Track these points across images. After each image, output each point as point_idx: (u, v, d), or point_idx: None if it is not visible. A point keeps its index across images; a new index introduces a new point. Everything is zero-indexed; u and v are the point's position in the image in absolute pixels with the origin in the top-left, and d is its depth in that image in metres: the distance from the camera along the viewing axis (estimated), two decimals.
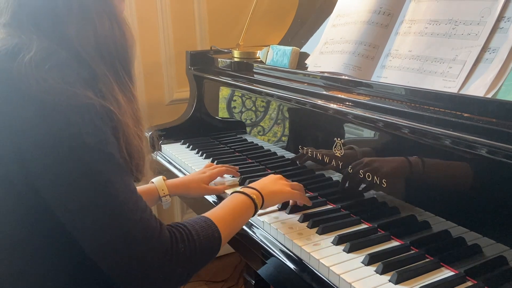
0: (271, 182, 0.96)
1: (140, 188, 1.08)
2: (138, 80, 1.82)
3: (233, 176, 1.23)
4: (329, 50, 1.14)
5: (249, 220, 0.97)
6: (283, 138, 1.26)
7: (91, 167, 0.62)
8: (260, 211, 0.94)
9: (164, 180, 1.10)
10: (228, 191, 1.14)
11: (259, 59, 1.41)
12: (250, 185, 0.94)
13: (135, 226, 0.64)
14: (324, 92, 1.05)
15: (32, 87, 0.60)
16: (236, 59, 1.49)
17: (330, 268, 0.78)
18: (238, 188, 0.90)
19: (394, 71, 0.96)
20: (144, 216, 0.65)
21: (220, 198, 1.16)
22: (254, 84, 1.32)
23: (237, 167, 1.25)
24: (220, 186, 1.17)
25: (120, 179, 0.64)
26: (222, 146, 1.51)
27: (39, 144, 0.61)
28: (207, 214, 0.79)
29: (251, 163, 1.34)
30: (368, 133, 0.95)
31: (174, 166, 1.43)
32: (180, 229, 0.71)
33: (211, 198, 1.18)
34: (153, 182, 1.09)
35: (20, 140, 0.61)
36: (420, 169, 0.83)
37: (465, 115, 0.74)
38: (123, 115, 0.69)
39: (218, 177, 1.20)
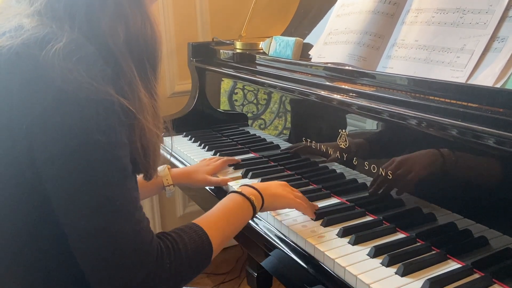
0: (275, 186, 0.92)
1: None
2: None
3: (235, 169, 1.22)
4: (334, 40, 1.12)
5: None
6: (286, 131, 1.25)
7: (96, 166, 0.61)
8: None
9: (168, 169, 1.10)
10: (231, 183, 1.13)
11: (262, 51, 1.39)
12: (251, 183, 0.89)
13: (124, 236, 0.62)
14: (328, 83, 1.04)
15: (56, 76, 0.59)
16: (238, 51, 1.47)
17: (336, 260, 0.77)
18: (236, 187, 0.86)
19: (400, 61, 0.94)
20: (137, 228, 0.63)
21: (222, 190, 1.16)
22: (257, 76, 1.30)
23: (239, 159, 1.25)
24: (222, 178, 1.16)
25: (122, 185, 0.63)
26: (224, 138, 1.50)
27: (50, 133, 0.60)
28: (199, 221, 0.76)
29: (254, 156, 1.33)
30: (373, 124, 0.94)
31: (176, 159, 1.42)
32: (167, 242, 0.68)
33: (209, 187, 1.18)
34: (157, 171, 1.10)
35: (33, 126, 0.61)
36: (427, 161, 0.82)
37: (473, 105, 0.73)
38: (144, 113, 0.68)
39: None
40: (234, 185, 1.11)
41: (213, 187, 1.18)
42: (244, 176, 1.17)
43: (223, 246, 0.78)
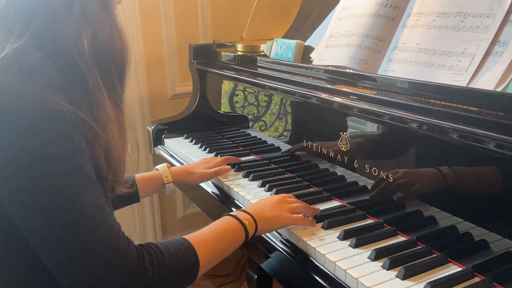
0: (269, 207, 0.88)
1: (144, 174, 1.08)
2: (140, 74, 1.81)
3: (236, 171, 1.22)
4: (335, 43, 1.13)
5: None
6: (287, 133, 1.25)
7: (55, 179, 0.58)
8: None
9: (168, 167, 1.11)
10: (237, 189, 1.12)
11: (263, 53, 1.39)
12: (245, 208, 0.87)
13: (99, 244, 0.60)
14: (329, 86, 1.04)
15: None
16: (239, 53, 1.48)
17: (336, 263, 0.78)
18: (238, 189, 0.82)
19: (401, 64, 0.94)
20: (110, 235, 0.62)
21: (223, 192, 1.16)
22: (258, 78, 1.31)
23: (240, 159, 1.25)
24: (222, 167, 1.17)
25: (87, 193, 0.61)
26: (225, 140, 1.50)
27: (2, 152, 0.58)
28: (188, 236, 0.74)
29: (255, 158, 1.33)
30: (374, 127, 0.94)
31: (177, 160, 1.42)
32: (150, 250, 0.66)
33: (209, 189, 1.18)
34: (157, 169, 1.10)
35: None
36: (427, 165, 0.82)
37: (474, 109, 0.73)
38: (108, 123, 0.66)
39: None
40: (241, 191, 1.10)
41: (216, 191, 1.17)
42: (245, 177, 1.17)
43: (212, 265, 0.76)
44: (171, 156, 1.47)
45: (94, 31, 0.66)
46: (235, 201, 1.11)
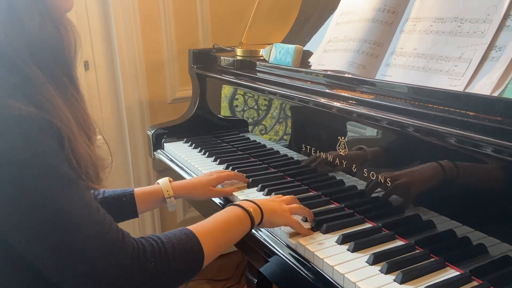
0: (274, 203, 0.90)
1: (144, 188, 1.06)
2: (140, 79, 1.82)
3: None
4: (333, 48, 1.13)
5: None
6: (286, 137, 1.26)
7: (27, 185, 0.57)
8: None
9: (170, 181, 1.07)
10: (236, 193, 1.11)
11: (262, 58, 1.40)
12: (251, 199, 0.88)
13: (89, 243, 0.59)
14: (328, 91, 1.05)
15: None
16: (239, 58, 1.48)
17: (334, 267, 0.78)
18: (242, 197, 0.82)
19: (399, 69, 0.95)
20: (100, 230, 0.61)
21: (228, 200, 1.16)
22: (257, 83, 1.31)
23: (245, 177, 1.20)
24: (227, 188, 1.13)
25: (67, 193, 0.60)
26: (224, 144, 1.51)
27: None
28: (191, 226, 0.74)
29: (254, 162, 1.34)
30: (372, 132, 0.94)
31: (177, 165, 1.42)
32: (152, 241, 0.66)
33: (218, 200, 1.17)
34: (158, 183, 1.08)
35: None
36: (426, 169, 0.82)
37: (471, 113, 0.74)
38: (65, 121, 0.63)
39: (226, 181, 1.17)
40: (240, 195, 1.10)
41: (222, 200, 1.16)
42: (249, 186, 1.16)
43: (217, 255, 0.76)
44: (171, 160, 1.47)
45: (23, 26, 0.62)
46: None
